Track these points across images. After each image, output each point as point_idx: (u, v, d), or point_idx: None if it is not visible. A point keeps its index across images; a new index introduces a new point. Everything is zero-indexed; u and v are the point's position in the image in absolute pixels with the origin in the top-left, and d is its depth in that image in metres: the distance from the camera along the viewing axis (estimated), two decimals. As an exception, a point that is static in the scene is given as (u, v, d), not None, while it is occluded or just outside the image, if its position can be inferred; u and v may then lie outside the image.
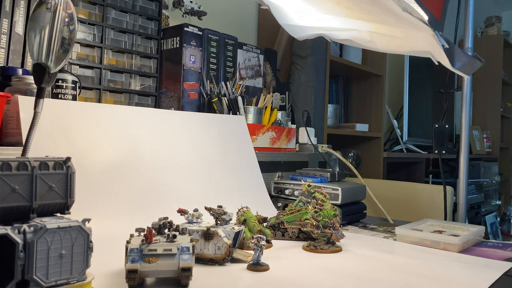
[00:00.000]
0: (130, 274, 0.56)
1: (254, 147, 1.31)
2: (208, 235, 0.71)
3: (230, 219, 0.77)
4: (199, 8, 1.53)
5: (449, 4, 1.21)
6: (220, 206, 0.77)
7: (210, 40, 1.50)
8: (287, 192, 1.21)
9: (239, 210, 0.90)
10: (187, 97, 1.43)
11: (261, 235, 0.71)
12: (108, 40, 1.29)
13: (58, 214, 0.52)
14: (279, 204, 1.22)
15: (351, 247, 0.88)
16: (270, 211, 1.15)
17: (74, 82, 1.08)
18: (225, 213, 0.76)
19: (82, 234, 0.48)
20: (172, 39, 1.44)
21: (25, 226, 0.44)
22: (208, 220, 0.77)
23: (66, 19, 0.68)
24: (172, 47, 1.44)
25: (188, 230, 0.67)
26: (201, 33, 1.47)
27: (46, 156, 0.51)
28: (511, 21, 4.61)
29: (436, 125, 1.51)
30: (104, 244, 0.65)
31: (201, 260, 0.71)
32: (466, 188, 1.45)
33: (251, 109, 1.48)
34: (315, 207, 0.87)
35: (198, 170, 1.12)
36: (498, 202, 3.38)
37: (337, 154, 1.64)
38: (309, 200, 0.92)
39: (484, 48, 3.86)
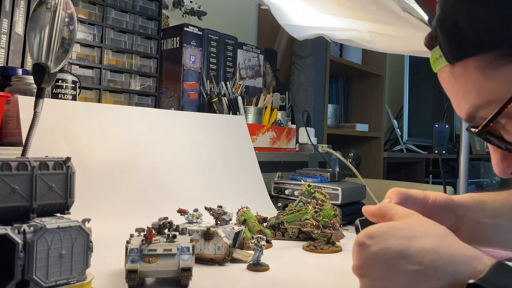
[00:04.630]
0: (130, 274, 0.56)
1: (254, 147, 1.31)
2: (208, 235, 0.71)
3: (230, 219, 0.77)
4: (199, 8, 1.53)
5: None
6: (220, 206, 0.77)
7: (210, 40, 1.50)
8: (287, 192, 1.21)
9: (239, 210, 0.90)
10: (187, 97, 1.42)
11: (261, 235, 0.71)
12: (108, 40, 1.29)
13: (58, 214, 0.52)
14: (279, 204, 1.22)
15: (351, 247, 0.87)
16: (270, 211, 1.15)
17: (74, 82, 1.08)
18: (225, 213, 0.76)
19: (82, 234, 0.48)
20: (172, 39, 1.44)
21: (25, 226, 0.44)
22: (208, 220, 0.77)
23: (66, 19, 0.68)
24: (172, 47, 1.44)
25: (188, 230, 0.67)
26: (201, 33, 1.47)
27: (46, 156, 0.51)
28: (511, 21, 4.61)
29: (436, 125, 1.51)
30: (104, 244, 0.65)
31: (201, 260, 0.71)
32: (466, 188, 1.45)
33: (251, 109, 1.48)
34: (315, 207, 0.87)
35: (198, 170, 1.12)
36: (498, 202, 3.37)
37: (337, 154, 1.64)
38: (309, 200, 0.92)
39: (484, 48, 3.86)
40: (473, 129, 0.47)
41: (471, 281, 0.38)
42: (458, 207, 0.64)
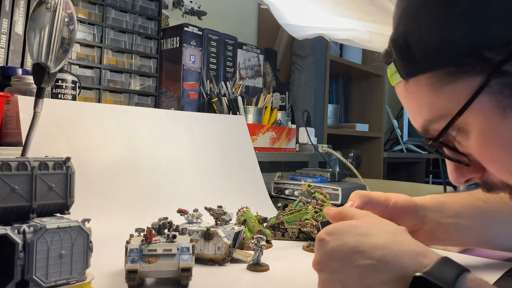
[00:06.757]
0: (130, 274, 0.56)
1: (254, 147, 1.31)
2: (208, 235, 0.71)
3: (230, 219, 0.77)
4: (199, 8, 1.53)
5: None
6: (220, 206, 0.76)
7: (210, 40, 1.50)
8: (287, 192, 1.21)
9: (239, 210, 0.90)
10: (187, 97, 1.42)
11: (261, 235, 0.71)
12: (108, 40, 1.29)
13: (58, 214, 0.51)
14: (279, 204, 1.22)
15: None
16: (270, 211, 1.15)
17: (74, 82, 1.08)
18: (225, 213, 0.76)
19: (82, 234, 0.48)
20: (172, 39, 1.44)
21: (25, 226, 0.44)
22: (208, 220, 0.77)
23: (66, 19, 0.68)
24: (172, 47, 1.44)
25: (188, 230, 0.67)
26: (201, 33, 1.47)
27: (46, 156, 0.51)
28: (511, 21, 4.60)
29: (436, 125, 1.51)
30: (104, 244, 0.65)
31: (201, 260, 0.71)
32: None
33: (251, 109, 1.48)
34: (315, 207, 0.87)
35: (198, 170, 1.12)
36: (498, 202, 3.37)
37: (337, 154, 1.64)
38: (309, 200, 0.91)
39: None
40: (425, 141, 0.50)
41: (417, 274, 0.41)
42: (419, 209, 0.68)
